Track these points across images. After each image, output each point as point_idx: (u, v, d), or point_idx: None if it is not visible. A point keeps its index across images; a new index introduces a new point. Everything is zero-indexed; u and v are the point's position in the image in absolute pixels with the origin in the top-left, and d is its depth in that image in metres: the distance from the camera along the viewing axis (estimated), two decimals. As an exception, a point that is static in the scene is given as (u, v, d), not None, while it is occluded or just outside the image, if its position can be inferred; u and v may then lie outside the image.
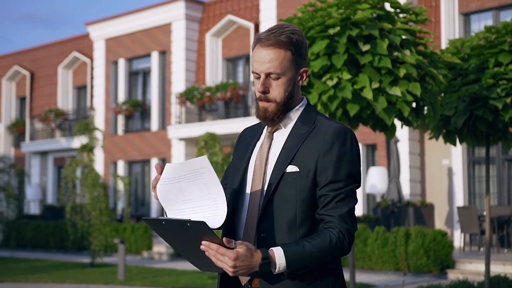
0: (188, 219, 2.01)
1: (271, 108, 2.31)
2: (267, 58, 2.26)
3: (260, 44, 2.28)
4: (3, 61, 28.58)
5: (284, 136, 2.34)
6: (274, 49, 2.25)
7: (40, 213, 23.62)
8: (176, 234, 2.09)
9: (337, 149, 2.24)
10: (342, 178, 2.23)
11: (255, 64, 2.29)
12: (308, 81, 6.31)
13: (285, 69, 2.27)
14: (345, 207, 2.22)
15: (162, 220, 2.06)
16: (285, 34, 2.27)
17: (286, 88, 2.29)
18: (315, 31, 6.22)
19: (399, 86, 6.22)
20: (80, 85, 25.42)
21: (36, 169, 25.89)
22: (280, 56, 2.25)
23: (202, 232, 2.02)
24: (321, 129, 2.29)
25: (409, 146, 16.38)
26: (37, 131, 25.79)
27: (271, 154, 2.34)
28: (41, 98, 26.53)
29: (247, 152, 2.43)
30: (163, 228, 2.10)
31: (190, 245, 2.09)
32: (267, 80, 2.28)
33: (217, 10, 21.48)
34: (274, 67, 2.25)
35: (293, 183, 2.24)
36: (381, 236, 13.34)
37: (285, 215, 2.24)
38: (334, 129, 2.27)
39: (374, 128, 6.80)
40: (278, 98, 2.29)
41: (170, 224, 2.06)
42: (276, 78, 2.27)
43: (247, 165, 2.39)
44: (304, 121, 2.33)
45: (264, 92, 2.29)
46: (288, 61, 2.27)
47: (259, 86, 2.29)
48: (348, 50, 6.19)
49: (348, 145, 2.27)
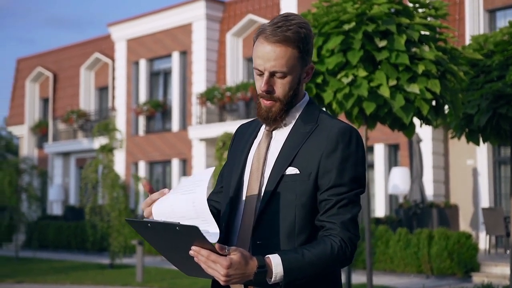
0: (178, 223, 1.84)
1: (275, 108, 2.12)
2: (273, 55, 2.06)
3: (264, 39, 2.08)
4: (27, 63, 28.79)
5: (284, 135, 2.16)
6: (281, 46, 2.06)
7: (62, 214, 23.69)
8: (162, 238, 1.93)
9: (341, 151, 2.06)
10: (345, 182, 2.05)
11: (258, 60, 2.10)
12: (322, 79, 6.12)
13: (291, 67, 2.08)
14: (348, 214, 2.04)
15: (147, 222, 1.89)
16: (293, 28, 2.06)
17: (291, 87, 2.11)
18: (330, 27, 6.03)
19: (418, 83, 6.00)
20: (102, 86, 25.48)
21: (58, 170, 26.00)
22: (287, 54, 2.07)
23: (192, 237, 1.85)
24: (324, 128, 2.11)
25: (433, 146, 16.06)
26: (59, 132, 25.90)
27: (269, 154, 2.16)
28: (63, 99, 26.65)
29: (244, 152, 2.25)
30: (148, 230, 1.93)
31: (178, 249, 1.92)
32: (271, 79, 2.10)
33: (237, 9, 21.34)
34: (280, 65, 2.07)
35: (292, 187, 2.06)
36: (403, 238, 13.07)
37: (283, 221, 2.06)
38: (338, 128, 2.09)
39: (392, 127, 6.58)
40: (282, 97, 2.11)
41: (156, 226, 1.89)
42: (282, 77, 2.09)
43: (244, 165, 2.22)
44: (306, 120, 2.15)
45: (268, 91, 2.11)
46: (295, 59, 2.09)
47: (262, 84, 2.10)
48: (364, 46, 5.99)
49: (353, 146, 2.08)
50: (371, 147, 17.22)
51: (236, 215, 2.17)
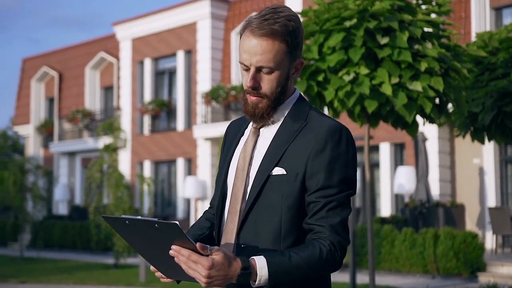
0: (157, 219, 1.75)
1: (261, 104, 2.03)
2: (259, 49, 1.96)
3: (250, 32, 1.98)
4: (32, 62, 28.80)
5: (271, 133, 2.07)
6: (267, 39, 1.96)
7: (68, 214, 23.68)
8: (141, 236, 1.84)
9: (330, 150, 1.96)
10: (334, 184, 1.95)
11: (244, 55, 2.00)
12: (324, 76, 6.03)
13: (278, 62, 1.98)
14: (337, 217, 1.94)
15: (125, 219, 1.80)
16: (280, 21, 1.96)
17: (279, 83, 2.01)
18: (331, 24, 5.94)
19: (420, 81, 5.90)
20: (107, 85, 25.45)
21: (64, 170, 25.99)
22: (274, 48, 1.96)
23: (172, 235, 1.76)
24: (313, 126, 2.01)
25: (438, 145, 15.94)
26: (65, 132, 25.89)
27: (256, 153, 2.06)
28: (69, 99, 26.64)
29: (230, 150, 2.16)
30: (125, 228, 1.84)
31: (157, 249, 1.83)
32: (257, 74, 2.00)
33: (242, 8, 21.26)
34: (266, 60, 1.96)
35: (279, 188, 1.97)
36: (409, 238, 12.96)
37: (268, 224, 1.97)
38: (327, 127, 1.99)
39: (395, 126, 6.48)
40: (269, 93, 2.02)
41: (135, 224, 1.80)
42: (268, 72, 1.99)
43: (229, 164, 2.13)
44: (295, 117, 2.05)
45: (254, 88, 2.01)
46: (283, 53, 1.98)
47: (248, 80, 2.00)
48: (366, 43, 5.89)
49: (343, 146, 1.98)
50: (376, 146, 17.10)
51: (221, 217, 2.09)
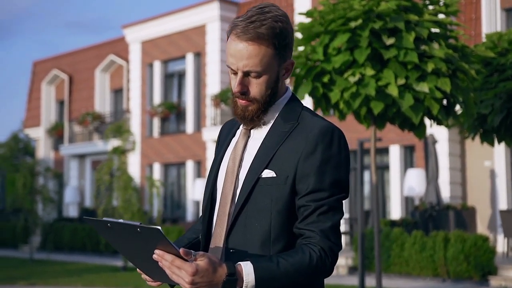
0: (139, 223, 1.71)
1: (251, 108, 1.98)
2: (245, 54, 1.91)
3: (236, 36, 1.92)
4: (43, 65, 28.91)
5: (262, 134, 2.01)
6: (254, 44, 1.90)
7: (78, 216, 23.72)
8: (124, 240, 1.81)
9: (321, 152, 1.90)
10: (325, 187, 1.89)
11: (231, 59, 1.95)
12: (329, 78, 5.96)
13: (266, 66, 1.93)
14: (328, 222, 1.88)
15: (107, 221, 1.78)
16: (267, 24, 1.90)
17: (268, 86, 1.96)
18: (336, 25, 5.87)
19: (427, 82, 5.82)
20: (117, 88, 25.49)
21: (74, 172, 26.04)
22: (261, 52, 1.91)
23: (155, 241, 1.73)
24: (305, 127, 1.95)
25: (449, 147, 15.80)
26: (75, 134, 25.95)
27: (246, 155, 2.01)
28: (79, 102, 26.71)
29: (221, 151, 2.11)
30: (108, 230, 1.82)
31: (141, 252, 1.80)
32: (245, 79, 1.95)
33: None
34: (253, 64, 1.91)
35: (268, 191, 1.91)
36: (419, 241, 12.84)
37: (258, 228, 1.91)
38: (319, 128, 1.93)
39: (402, 128, 6.40)
40: (259, 97, 1.96)
41: (117, 227, 1.77)
42: (256, 77, 1.94)
43: (219, 166, 2.07)
44: (286, 117, 2.00)
45: (242, 93, 1.96)
46: (270, 57, 1.93)
47: (236, 85, 1.95)
48: (372, 44, 5.82)
49: (334, 147, 1.92)
50: (386, 148, 17.00)
51: (211, 220, 2.03)
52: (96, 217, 13.56)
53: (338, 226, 1.90)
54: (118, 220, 1.76)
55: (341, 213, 1.92)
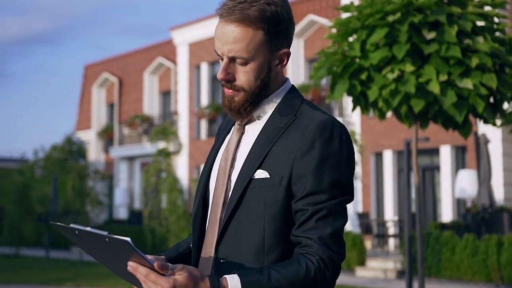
0: (107, 233, 1.56)
1: (237, 98, 1.77)
2: (230, 37, 1.71)
3: (222, 17, 1.73)
4: (94, 69, 29.36)
5: (257, 130, 1.80)
6: (239, 26, 1.71)
7: (127, 218, 23.93)
8: (96, 248, 1.68)
9: (319, 149, 1.68)
10: (325, 188, 1.66)
11: (217, 43, 1.75)
12: (367, 75, 5.71)
13: (254, 52, 1.72)
14: (328, 228, 1.65)
15: (75, 229, 1.64)
16: (256, 5, 1.71)
17: (257, 75, 1.75)
18: (374, 19, 5.61)
19: (471, 78, 5.50)
20: (165, 90, 25.64)
21: (124, 174, 26.31)
22: (248, 36, 1.71)
23: (125, 252, 1.57)
24: (302, 122, 1.73)
25: (502, 147, 15.23)
26: (125, 137, 26.22)
27: (239, 154, 1.80)
28: (128, 104, 26.99)
29: (214, 150, 1.92)
30: (78, 238, 1.68)
31: (116, 261, 1.66)
32: (231, 65, 1.75)
33: (298, 10, 20.98)
34: (239, 49, 1.71)
35: (261, 194, 1.70)
36: (470, 244, 12.39)
37: (250, 236, 1.70)
38: (317, 122, 1.71)
39: (446, 126, 6.09)
40: (246, 87, 1.76)
41: (86, 235, 1.63)
42: (243, 64, 1.74)
43: (212, 167, 1.88)
44: (284, 111, 1.78)
45: (226, 80, 1.76)
46: (259, 42, 1.72)
47: (219, 72, 1.76)
48: (411, 39, 5.54)
49: (335, 143, 1.70)
50: (436, 149, 16.51)
51: (200, 227, 1.84)
52: (142, 219, 13.52)
53: (340, 232, 1.68)
54: (86, 228, 1.61)
55: (344, 218, 1.69)
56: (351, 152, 1.73)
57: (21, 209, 21.95)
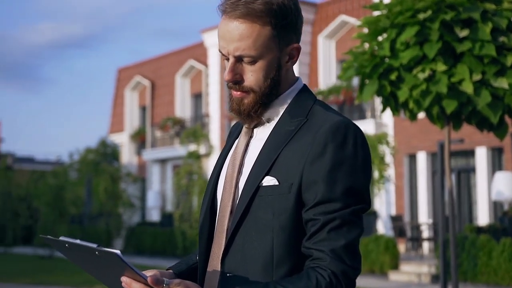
0: (96, 246, 1.49)
1: (247, 100, 1.65)
2: (236, 34, 1.59)
3: (225, 14, 1.62)
4: (126, 72, 29.56)
5: (266, 133, 1.68)
6: (245, 22, 1.59)
7: (159, 220, 24.01)
8: (87, 261, 1.61)
9: (331, 154, 1.55)
10: (337, 196, 1.53)
11: (221, 42, 1.64)
12: (397, 75, 5.53)
13: (262, 49, 1.60)
14: (341, 239, 1.52)
15: (65, 242, 1.56)
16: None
17: (267, 74, 1.63)
18: (404, 17, 5.43)
19: (507, 77, 5.29)
20: (196, 92, 25.67)
21: (156, 177, 26.40)
22: (254, 32, 1.59)
23: (115, 265, 1.50)
24: (314, 124, 1.60)
25: (541, 149, 14.81)
26: (157, 139, 26.33)
27: (247, 159, 1.68)
28: (160, 107, 27.10)
29: (222, 155, 1.79)
30: (68, 250, 1.61)
31: (108, 275, 1.59)
32: (238, 65, 1.63)
33: (329, 11, 20.78)
34: (246, 47, 1.59)
35: (270, 202, 1.57)
36: (508, 248, 12.07)
37: (258, 248, 1.58)
38: (329, 124, 1.57)
39: (480, 128, 5.87)
40: (255, 87, 1.63)
41: (75, 248, 1.56)
42: (251, 62, 1.62)
43: (219, 173, 1.76)
44: (294, 113, 1.65)
45: (233, 81, 1.63)
46: (267, 38, 1.60)
47: (226, 72, 1.64)
48: (443, 37, 5.35)
49: (349, 147, 1.56)
50: (471, 150, 16.15)
51: (206, 238, 1.72)
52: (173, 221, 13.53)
53: (355, 244, 1.54)
54: (76, 240, 1.53)
55: (359, 229, 1.55)
56: (367, 157, 1.59)
57: (55, 211, 22.19)
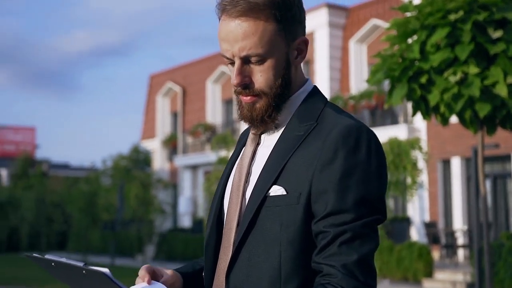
0: (83, 264, 1.41)
1: (259, 104, 1.53)
2: (239, 33, 1.48)
3: (225, 13, 1.50)
4: (158, 78, 29.72)
5: (273, 139, 1.57)
6: (248, 19, 1.47)
7: (191, 227, 24.01)
8: (75, 279, 1.52)
9: (342, 160, 1.43)
10: (349, 207, 1.41)
11: (223, 44, 1.52)
12: (427, 78, 5.35)
13: (269, 46, 1.49)
14: (354, 254, 1.39)
15: (51, 261, 1.48)
16: None
17: (277, 73, 1.51)
18: (434, 19, 5.26)
19: (543, 79, 5.07)
20: (227, 98, 25.66)
21: (188, 183, 26.43)
22: (259, 28, 1.47)
23: (104, 284, 1.42)
24: (324, 129, 1.48)
25: None
26: (188, 145, 26.37)
27: (254, 167, 1.57)
28: (192, 113, 27.16)
29: (229, 163, 1.69)
30: (56, 270, 1.53)
31: None
32: (246, 67, 1.51)
33: (361, 15, 20.57)
34: (252, 45, 1.48)
35: (277, 214, 1.46)
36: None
37: (265, 263, 1.46)
38: (340, 128, 1.45)
39: (515, 132, 5.65)
40: (267, 89, 1.51)
41: (62, 266, 1.48)
42: (259, 62, 1.50)
43: (226, 183, 1.65)
44: (303, 117, 1.53)
45: (243, 85, 1.52)
46: (273, 33, 1.49)
47: (234, 76, 1.51)
48: (475, 39, 5.17)
49: (361, 153, 1.44)
50: (508, 155, 15.76)
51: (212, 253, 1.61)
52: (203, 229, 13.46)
53: (368, 259, 1.41)
54: (61, 259, 1.45)
55: (373, 242, 1.42)
56: (382, 163, 1.46)
57: (88, 217, 22.36)
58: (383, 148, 1.83)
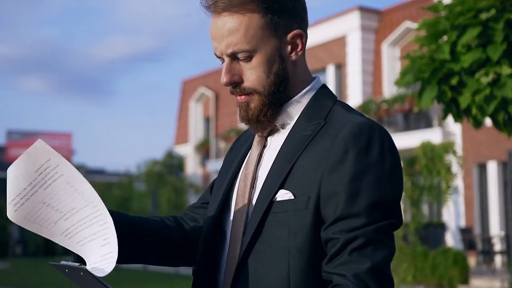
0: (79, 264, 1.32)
1: (253, 104, 1.45)
2: (225, 30, 1.41)
3: (211, 11, 1.44)
4: (191, 84, 29.85)
5: (280, 141, 1.47)
6: (231, 14, 1.40)
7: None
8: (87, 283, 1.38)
9: (353, 161, 1.33)
10: (360, 211, 1.30)
11: (213, 43, 1.46)
12: (458, 80, 5.20)
13: (257, 41, 1.41)
14: (365, 262, 1.28)
15: (65, 267, 1.36)
16: None
17: (268, 70, 1.43)
18: (465, 18, 5.11)
19: None
20: (260, 103, 25.65)
21: (220, 188, 26.47)
22: (243, 22, 1.40)
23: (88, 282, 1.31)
24: (333, 127, 1.39)
25: None
26: (221, 150, 26.40)
27: (260, 171, 1.47)
28: (224, 118, 27.19)
29: (233, 166, 1.59)
30: (75, 277, 1.38)
31: None
32: (235, 65, 1.44)
33: (394, 18, 20.33)
34: (237, 41, 1.40)
35: (285, 220, 1.36)
36: None
37: (273, 273, 1.37)
38: (351, 126, 1.36)
39: (551, 135, 5.45)
40: (259, 86, 1.43)
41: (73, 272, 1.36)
42: (247, 59, 1.42)
43: (231, 186, 1.55)
44: (311, 116, 1.44)
45: (232, 84, 1.45)
46: (259, 27, 1.40)
47: (222, 75, 1.46)
48: (508, 38, 5.00)
49: (374, 153, 1.34)
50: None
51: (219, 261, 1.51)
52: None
53: (383, 267, 1.29)
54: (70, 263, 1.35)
55: (388, 248, 1.31)
56: (396, 164, 1.35)
57: (121, 222, 22.50)
58: (416, 153, 1.72)
